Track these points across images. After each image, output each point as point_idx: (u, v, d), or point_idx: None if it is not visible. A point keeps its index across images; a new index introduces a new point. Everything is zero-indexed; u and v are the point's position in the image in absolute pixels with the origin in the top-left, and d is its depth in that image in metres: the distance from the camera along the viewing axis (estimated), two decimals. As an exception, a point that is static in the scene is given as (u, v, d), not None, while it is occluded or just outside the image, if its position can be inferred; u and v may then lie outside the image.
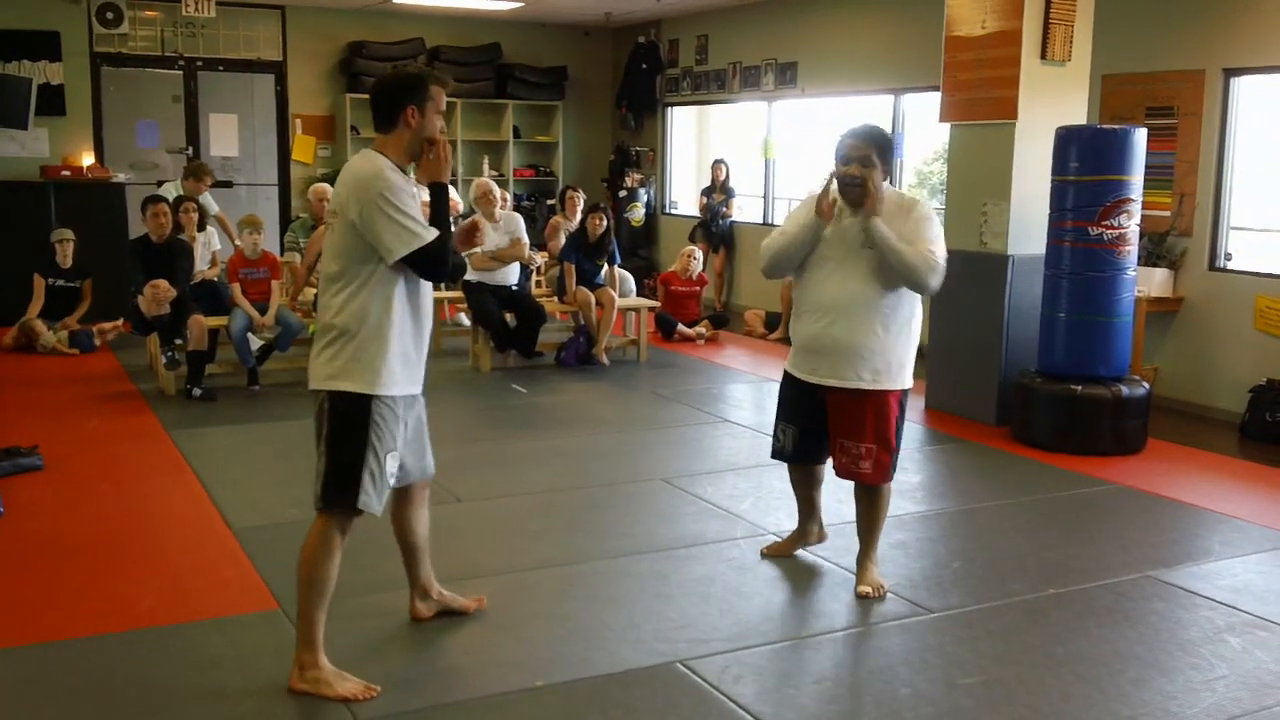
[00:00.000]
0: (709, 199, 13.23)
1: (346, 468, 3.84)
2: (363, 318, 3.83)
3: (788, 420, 5.01)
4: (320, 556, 3.88)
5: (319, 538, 3.89)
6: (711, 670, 4.12)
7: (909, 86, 11.13)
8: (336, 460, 3.86)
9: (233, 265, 8.99)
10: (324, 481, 3.87)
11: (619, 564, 5.16)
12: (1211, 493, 6.54)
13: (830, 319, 4.69)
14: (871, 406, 4.73)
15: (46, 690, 3.94)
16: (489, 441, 7.46)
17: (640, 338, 10.30)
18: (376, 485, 3.87)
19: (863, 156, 4.61)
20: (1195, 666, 4.26)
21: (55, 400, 8.32)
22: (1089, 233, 7.21)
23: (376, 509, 3.92)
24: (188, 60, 13.34)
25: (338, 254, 3.86)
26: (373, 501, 3.88)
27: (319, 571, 3.88)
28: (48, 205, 11.51)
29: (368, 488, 3.84)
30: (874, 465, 4.77)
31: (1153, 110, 8.73)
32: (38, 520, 5.71)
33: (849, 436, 4.77)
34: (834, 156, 4.71)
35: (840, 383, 4.72)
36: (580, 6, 13.38)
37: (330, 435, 3.88)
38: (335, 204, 3.89)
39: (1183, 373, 8.68)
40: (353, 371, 3.83)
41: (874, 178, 4.60)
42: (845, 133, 4.72)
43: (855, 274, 4.66)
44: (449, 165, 4.02)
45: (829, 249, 4.71)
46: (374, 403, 3.84)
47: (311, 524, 3.94)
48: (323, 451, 3.90)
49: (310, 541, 3.90)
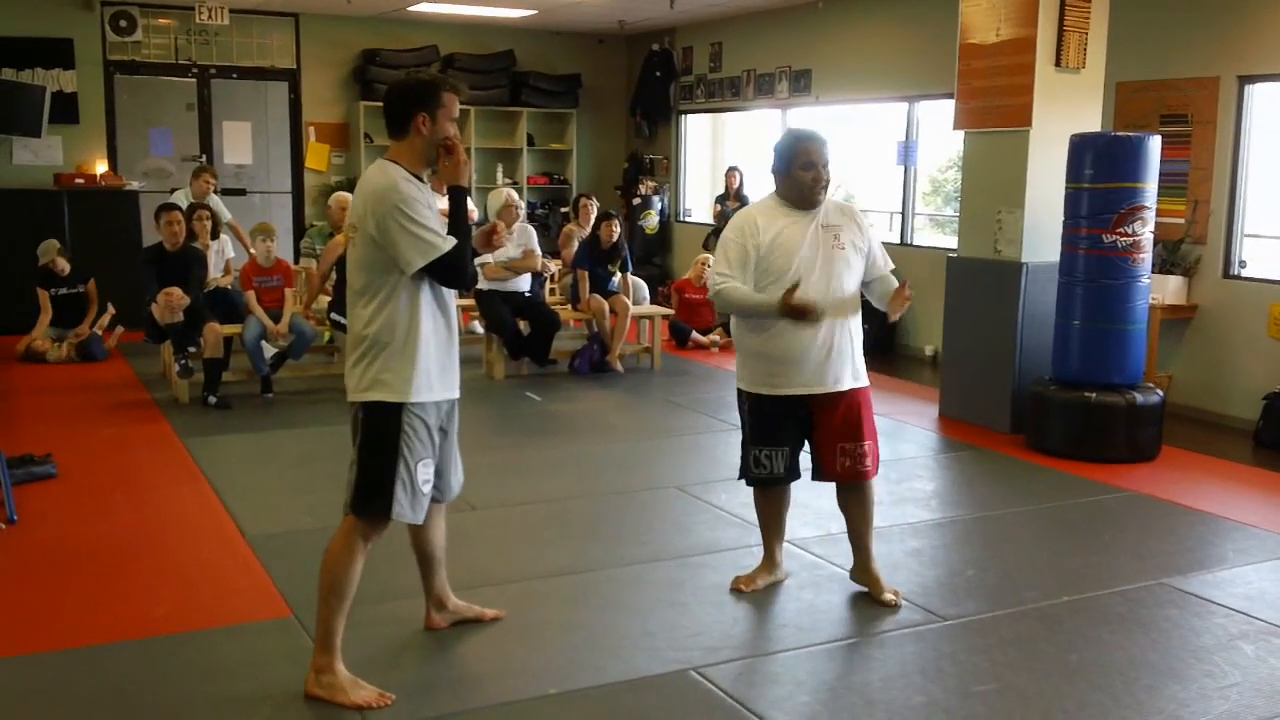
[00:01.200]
0: (723, 206, 13.20)
1: (378, 476, 3.87)
2: (392, 328, 3.86)
3: (775, 444, 4.79)
4: (343, 561, 3.90)
5: (343, 542, 3.92)
6: (725, 678, 4.11)
7: (923, 94, 11.12)
8: (368, 468, 3.90)
9: (246, 274, 9.02)
10: (354, 488, 3.92)
11: (633, 572, 5.16)
12: (1226, 500, 6.52)
13: (818, 323, 4.65)
14: (861, 403, 4.76)
15: (60, 698, 3.96)
16: (503, 449, 7.46)
17: (654, 345, 10.30)
18: (409, 494, 3.90)
19: (827, 161, 4.73)
20: (1209, 674, 4.24)
21: (69, 408, 8.35)
22: (1103, 240, 7.20)
23: (412, 517, 3.96)
24: (201, 68, 13.38)
25: (361, 267, 3.89)
26: (406, 511, 3.91)
27: (341, 576, 3.89)
28: (61, 213, 11.56)
29: (400, 497, 3.87)
30: (873, 460, 4.80)
31: (1167, 117, 8.71)
32: (51, 528, 5.73)
33: (849, 439, 4.74)
34: (793, 158, 4.72)
35: (834, 387, 4.70)
36: (594, 14, 13.40)
37: (363, 444, 3.93)
38: (353, 218, 3.91)
39: (1197, 380, 8.65)
40: (385, 382, 3.88)
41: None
42: (803, 136, 4.79)
43: (834, 275, 4.68)
44: (467, 168, 4.02)
45: (805, 253, 4.67)
46: (404, 412, 3.87)
47: (337, 529, 3.95)
48: (355, 460, 3.94)
49: (334, 545, 3.93)
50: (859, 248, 4.77)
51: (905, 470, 7.00)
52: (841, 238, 4.71)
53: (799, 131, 4.89)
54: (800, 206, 4.73)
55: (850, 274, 4.73)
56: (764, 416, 4.79)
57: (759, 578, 5.00)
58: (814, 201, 4.71)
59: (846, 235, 4.72)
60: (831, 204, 4.80)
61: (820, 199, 4.73)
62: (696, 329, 11.40)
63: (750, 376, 4.79)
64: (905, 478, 6.83)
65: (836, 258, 4.69)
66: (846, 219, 4.78)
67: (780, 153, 4.78)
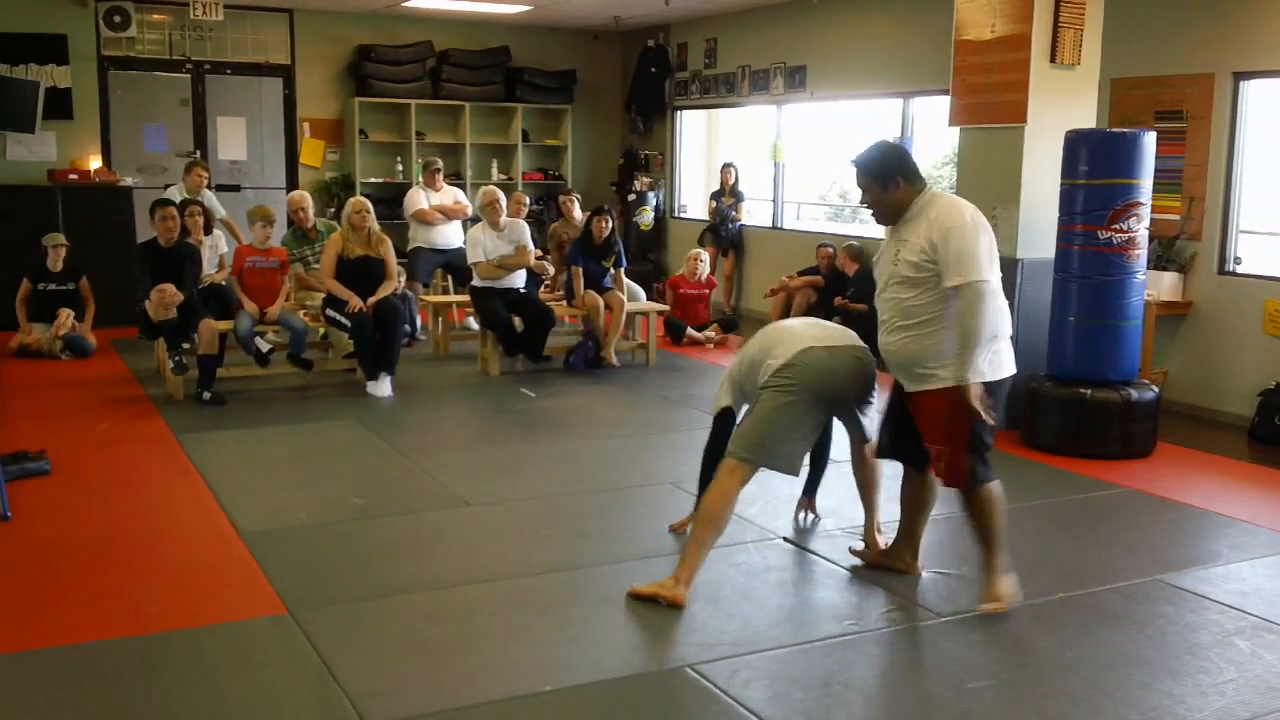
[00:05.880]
0: (718, 203, 13.22)
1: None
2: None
3: (884, 417, 5.07)
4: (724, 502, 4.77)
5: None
6: (720, 674, 4.11)
7: (918, 90, 11.12)
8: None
9: (240, 254, 8.97)
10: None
11: (627, 568, 5.15)
12: (1220, 496, 6.53)
13: (883, 330, 4.81)
14: (931, 407, 4.71)
15: (53, 695, 3.94)
16: (497, 445, 7.46)
17: (649, 341, 10.29)
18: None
19: (863, 186, 4.81)
20: (1204, 670, 4.25)
21: (63, 404, 8.33)
22: (1098, 236, 7.20)
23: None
24: (195, 64, 13.36)
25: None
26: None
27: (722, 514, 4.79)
28: (55, 209, 11.52)
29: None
30: (946, 467, 4.73)
31: (1162, 114, 8.71)
32: (45, 525, 5.72)
33: (925, 439, 4.81)
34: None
35: (908, 387, 4.80)
36: (589, 10, 13.39)
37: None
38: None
39: (1192, 376, 8.66)
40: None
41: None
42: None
43: (892, 285, 4.74)
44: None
45: (880, 268, 4.85)
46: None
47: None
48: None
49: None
50: (918, 260, 4.61)
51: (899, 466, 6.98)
52: (902, 251, 4.68)
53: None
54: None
55: (904, 286, 4.68)
56: (891, 393, 5.04)
57: (873, 555, 5.29)
58: (882, 221, 4.86)
59: (910, 248, 4.65)
60: (923, 214, 4.67)
61: (881, 220, 4.85)
62: (691, 325, 11.39)
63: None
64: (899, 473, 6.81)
65: (890, 271, 4.75)
66: (920, 230, 4.64)
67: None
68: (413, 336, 10.73)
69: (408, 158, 14.26)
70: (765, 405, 4.86)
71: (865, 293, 10.94)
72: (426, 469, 6.71)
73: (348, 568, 5.14)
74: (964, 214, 4.62)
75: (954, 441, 4.66)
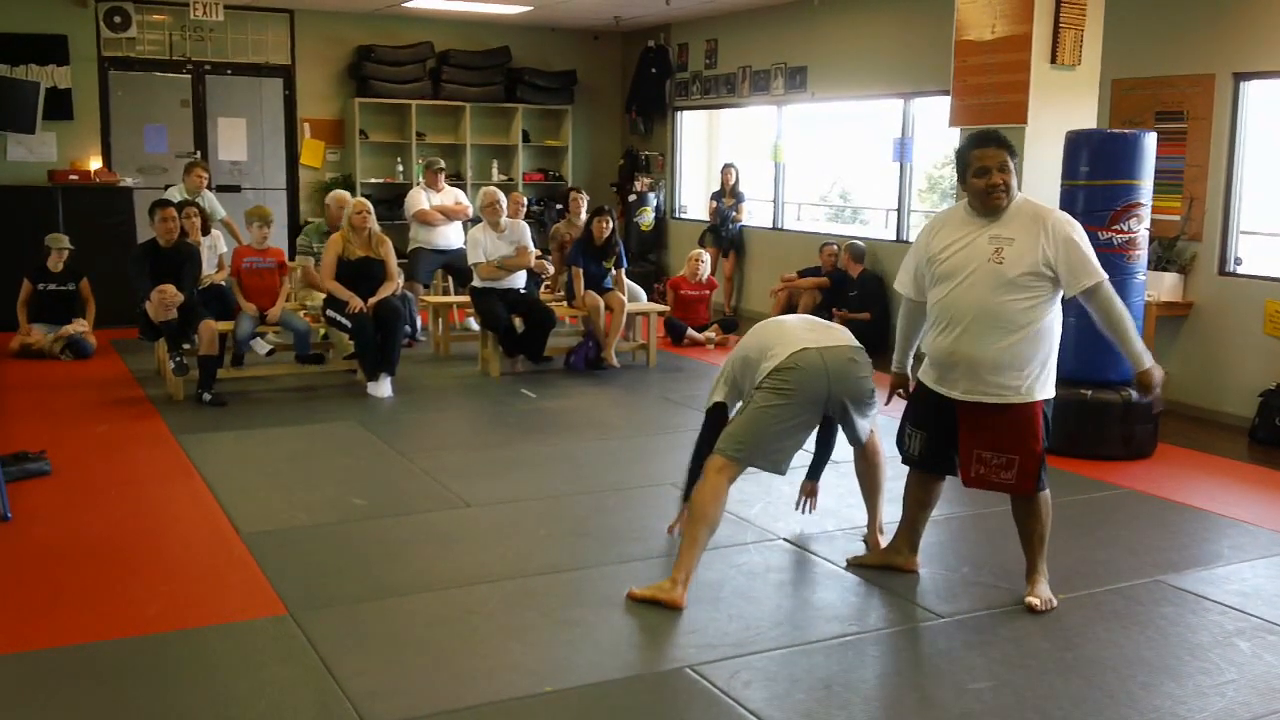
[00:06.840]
0: (719, 203, 13.22)
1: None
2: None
3: (916, 425, 4.97)
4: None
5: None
6: (721, 675, 4.11)
7: (919, 91, 11.12)
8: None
9: (238, 254, 8.97)
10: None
11: (628, 569, 5.15)
12: (1221, 497, 6.53)
13: (960, 332, 4.63)
14: (1010, 419, 4.67)
15: (53, 696, 3.94)
16: (498, 446, 7.46)
17: (650, 342, 10.29)
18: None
19: (1000, 163, 4.57)
20: (1204, 671, 4.25)
21: (63, 405, 8.33)
22: (1099, 237, 7.18)
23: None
24: (196, 64, 13.36)
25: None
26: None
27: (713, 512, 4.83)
28: (55, 210, 11.51)
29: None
30: (1018, 474, 4.71)
31: (1162, 114, 8.71)
32: (45, 525, 5.72)
33: (987, 447, 4.71)
34: (966, 165, 4.63)
35: (976, 397, 4.66)
36: (589, 11, 13.38)
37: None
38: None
39: (1192, 377, 8.65)
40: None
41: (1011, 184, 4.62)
42: (976, 139, 4.67)
43: (986, 286, 4.57)
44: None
45: (959, 261, 4.63)
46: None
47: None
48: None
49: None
50: (1038, 270, 4.54)
51: (900, 468, 6.98)
52: (1006, 250, 4.55)
53: (973, 134, 4.78)
54: (980, 214, 4.65)
55: (1004, 288, 4.55)
56: (917, 402, 4.99)
57: (873, 557, 5.31)
58: (992, 209, 4.61)
59: (1016, 248, 4.54)
60: (1021, 214, 4.61)
61: (998, 205, 4.59)
62: (692, 325, 11.38)
63: (923, 365, 4.92)
64: (900, 475, 6.81)
65: (989, 270, 4.56)
66: (1028, 235, 4.55)
67: (957, 160, 4.77)
68: (413, 337, 10.74)
69: (408, 158, 14.26)
70: (757, 405, 4.84)
71: (869, 296, 10.97)
72: (427, 470, 6.71)
73: (348, 568, 5.14)
74: (1073, 222, 4.66)
75: (1030, 449, 4.70)
